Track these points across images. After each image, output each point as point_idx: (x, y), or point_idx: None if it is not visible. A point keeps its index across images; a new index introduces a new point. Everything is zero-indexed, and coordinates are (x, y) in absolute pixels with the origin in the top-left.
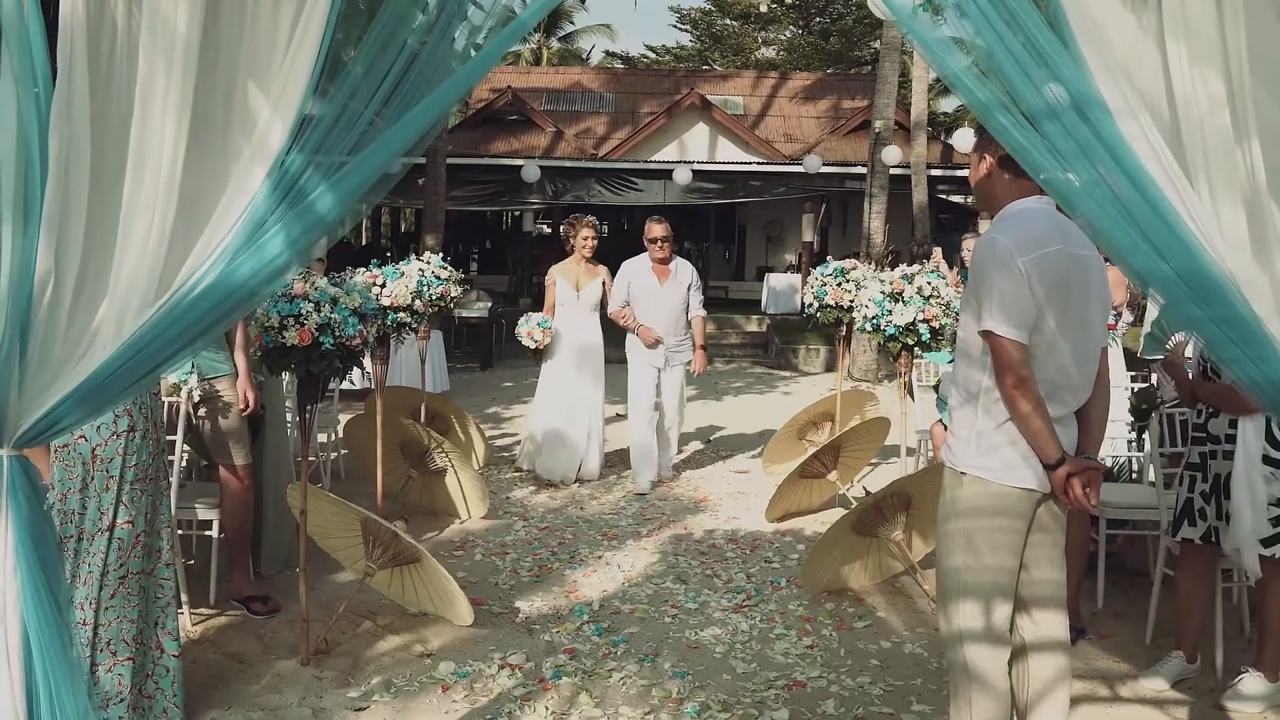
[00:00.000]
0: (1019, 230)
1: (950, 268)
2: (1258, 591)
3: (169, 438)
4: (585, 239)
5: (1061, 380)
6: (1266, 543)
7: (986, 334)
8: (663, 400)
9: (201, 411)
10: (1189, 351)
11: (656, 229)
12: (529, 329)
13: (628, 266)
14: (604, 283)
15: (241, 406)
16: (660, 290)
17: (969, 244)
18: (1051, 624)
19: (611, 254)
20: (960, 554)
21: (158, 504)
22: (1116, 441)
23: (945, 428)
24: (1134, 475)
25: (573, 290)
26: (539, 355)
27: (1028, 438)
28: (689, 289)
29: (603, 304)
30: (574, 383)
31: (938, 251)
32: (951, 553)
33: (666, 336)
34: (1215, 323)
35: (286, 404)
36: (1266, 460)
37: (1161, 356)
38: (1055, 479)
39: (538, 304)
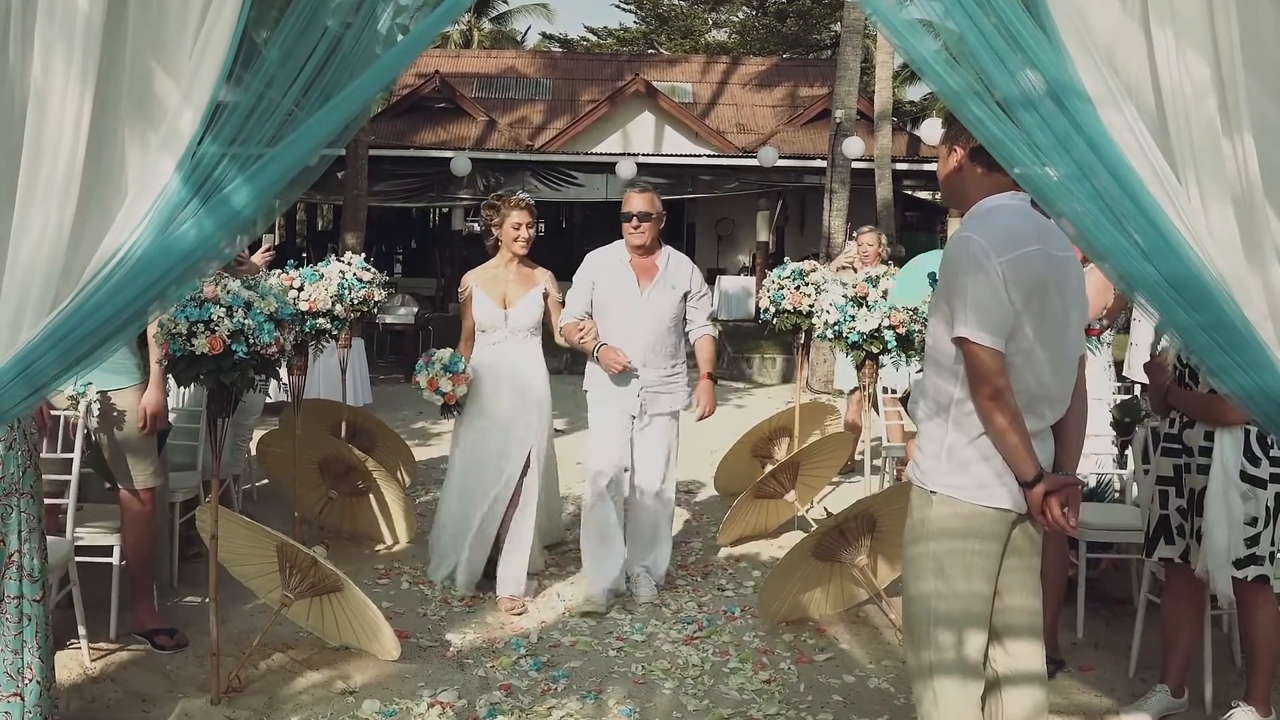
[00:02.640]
0: (994, 228)
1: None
2: (1241, 617)
3: (65, 455)
4: (517, 227)
5: (1039, 391)
6: (1240, 564)
7: (960, 341)
8: (636, 470)
9: (98, 425)
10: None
11: (635, 199)
12: (431, 376)
13: (595, 259)
14: (546, 293)
15: (140, 424)
16: (640, 297)
17: (866, 239)
18: (1027, 655)
19: (548, 258)
20: (930, 579)
21: (31, 522)
22: (1101, 458)
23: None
24: (1118, 494)
25: (497, 307)
26: (450, 410)
27: (1004, 453)
28: (686, 297)
29: (547, 326)
30: (507, 455)
31: (851, 247)
32: (920, 578)
33: (646, 368)
34: (1205, 330)
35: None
36: (1244, 477)
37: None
38: (1032, 498)
39: None
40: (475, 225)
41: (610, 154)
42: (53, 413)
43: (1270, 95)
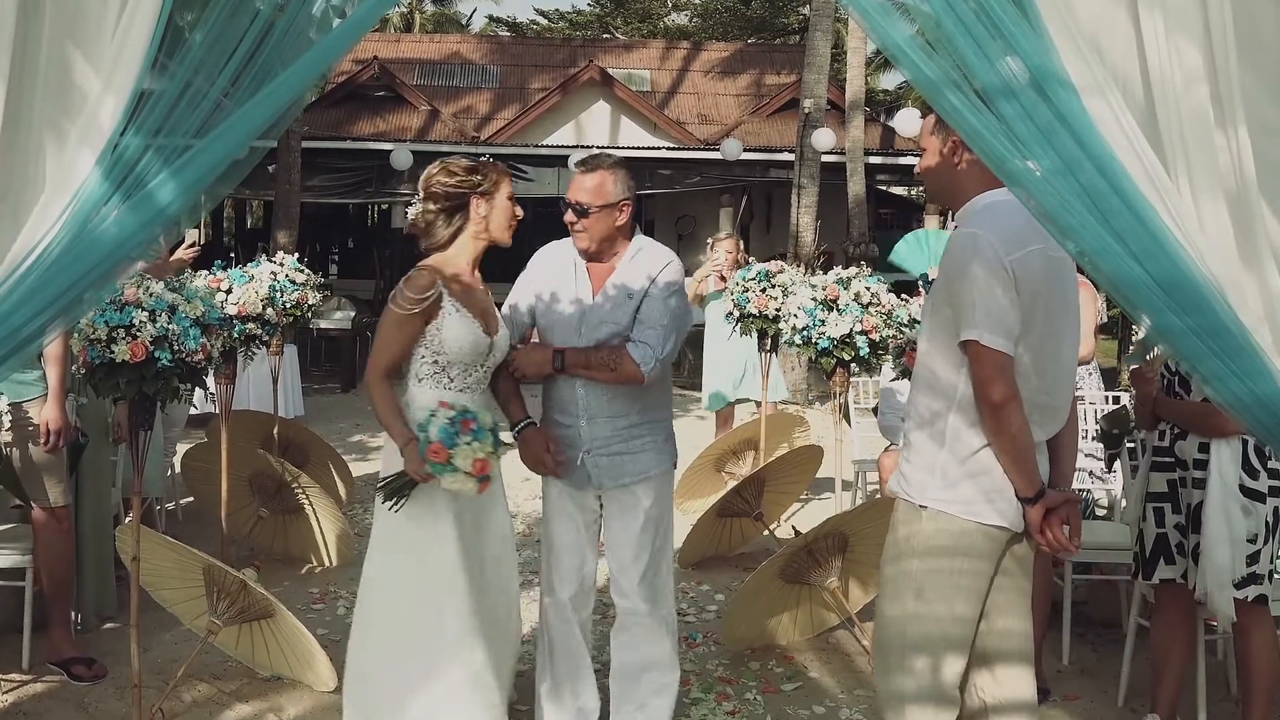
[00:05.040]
0: (1000, 225)
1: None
2: (1236, 640)
3: None
4: (508, 196)
5: (1038, 402)
6: (1239, 584)
7: (969, 344)
8: (611, 567)
9: (9, 439)
10: None
11: (574, 183)
12: (484, 451)
13: (543, 259)
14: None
15: (43, 440)
16: (587, 314)
17: (724, 244)
18: (1017, 683)
19: (493, 263)
20: (907, 600)
21: None
22: (1080, 473)
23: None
24: (1105, 511)
25: (483, 332)
26: (402, 496)
27: (1008, 466)
28: (642, 299)
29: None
30: (501, 565)
31: (722, 249)
32: (896, 599)
33: (593, 421)
34: (1196, 334)
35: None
36: (1242, 490)
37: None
38: (1032, 515)
39: None
40: (411, 208)
41: (562, 146)
42: None
43: (1265, 86)
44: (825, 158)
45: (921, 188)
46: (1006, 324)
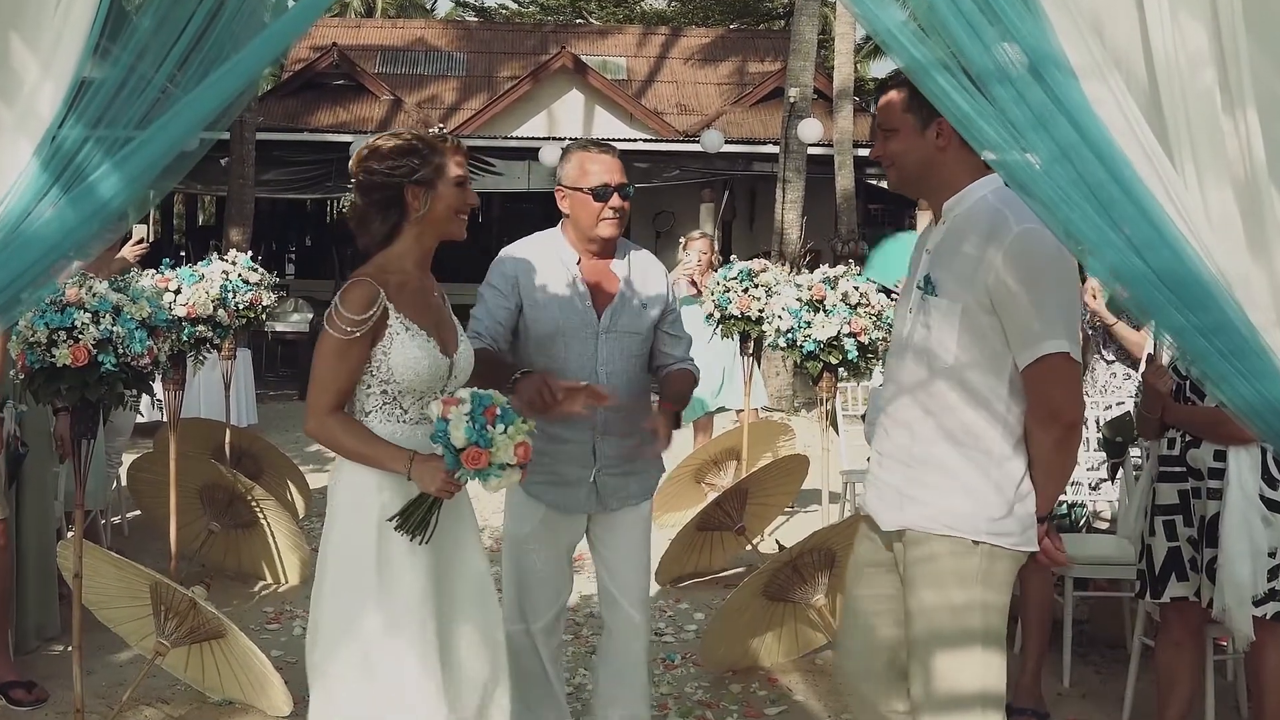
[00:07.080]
0: (1033, 214)
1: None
2: (1250, 660)
3: None
4: (461, 183)
5: None
6: (1258, 600)
7: (1050, 359)
8: (605, 586)
9: None
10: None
11: (602, 163)
12: (519, 435)
13: (523, 258)
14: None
15: None
16: (598, 331)
17: (699, 245)
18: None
19: (461, 262)
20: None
21: None
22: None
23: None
24: (1096, 526)
25: (439, 351)
26: (425, 525)
27: (1052, 485)
28: (659, 319)
29: None
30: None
31: (695, 250)
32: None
33: (606, 438)
34: (1202, 333)
35: None
36: (1262, 501)
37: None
38: (1040, 532)
39: None
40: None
41: (532, 138)
42: None
43: (1276, 67)
44: (812, 150)
45: None
46: (1078, 329)
